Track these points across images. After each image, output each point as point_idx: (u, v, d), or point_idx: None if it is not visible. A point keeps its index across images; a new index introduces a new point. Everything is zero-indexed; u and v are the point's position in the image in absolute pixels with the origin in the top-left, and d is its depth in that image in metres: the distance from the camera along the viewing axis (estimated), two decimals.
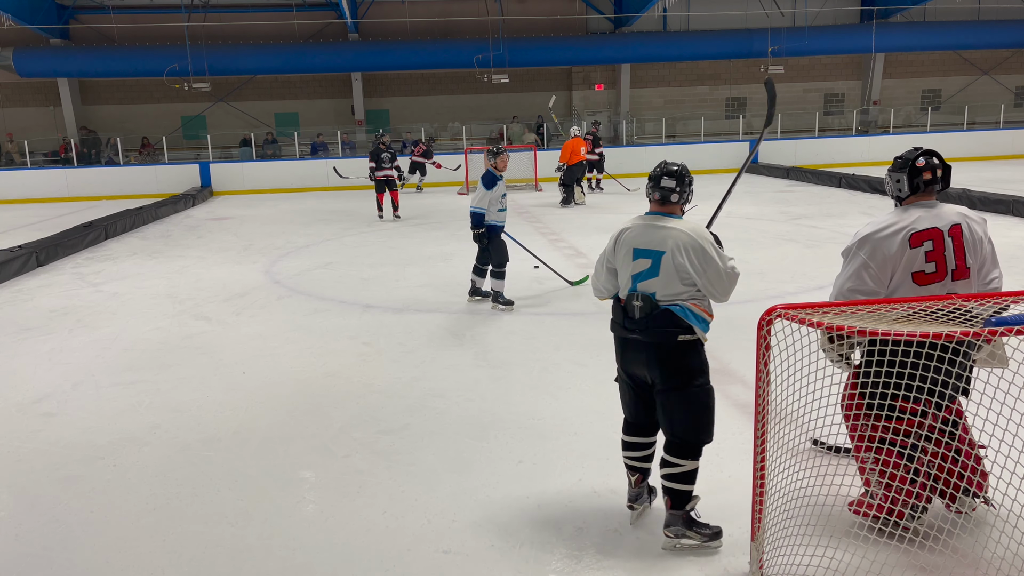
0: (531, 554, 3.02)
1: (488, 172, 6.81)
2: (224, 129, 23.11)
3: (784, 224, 11.48)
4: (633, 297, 2.98)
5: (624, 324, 3.02)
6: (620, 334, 3.07)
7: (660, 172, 3.09)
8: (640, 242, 3.00)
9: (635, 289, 2.99)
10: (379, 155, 13.24)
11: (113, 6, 21.79)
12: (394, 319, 6.80)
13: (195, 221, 14.71)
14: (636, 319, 2.97)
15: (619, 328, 3.07)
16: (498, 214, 6.89)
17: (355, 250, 10.68)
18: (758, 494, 2.66)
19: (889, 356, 2.65)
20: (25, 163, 20.83)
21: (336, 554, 3.09)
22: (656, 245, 2.97)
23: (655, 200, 3.10)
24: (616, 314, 3.09)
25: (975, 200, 11.74)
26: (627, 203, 14.99)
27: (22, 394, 5.13)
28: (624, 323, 3.02)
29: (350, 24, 22.20)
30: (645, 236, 3.01)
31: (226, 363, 5.67)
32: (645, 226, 3.04)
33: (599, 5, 24.10)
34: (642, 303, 2.95)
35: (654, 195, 3.09)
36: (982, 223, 3.00)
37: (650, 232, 3.01)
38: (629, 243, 3.04)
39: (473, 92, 23.94)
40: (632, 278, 3.00)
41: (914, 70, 25.77)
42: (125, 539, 3.26)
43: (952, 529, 2.79)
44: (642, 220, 3.08)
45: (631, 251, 3.02)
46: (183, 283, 8.68)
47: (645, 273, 2.97)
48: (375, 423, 4.42)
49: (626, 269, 3.04)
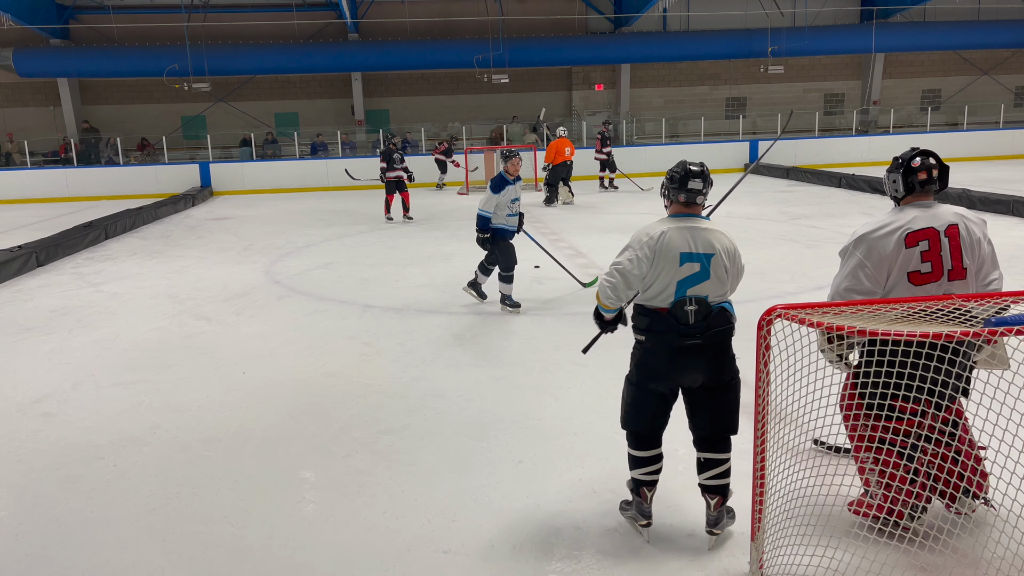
0: (531, 554, 3.02)
1: (499, 175, 6.68)
2: (224, 129, 23.12)
3: (784, 224, 11.48)
4: (684, 303, 2.86)
5: (679, 331, 2.87)
6: (673, 343, 2.88)
7: (685, 173, 2.99)
8: (687, 246, 2.89)
9: (683, 295, 2.87)
10: (391, 155, 13.15)
11: (113, 6, 21.79)
12: (394, 319, 6.80)
13: (195, 221, 14.71)
14: (692, 324, 2.87)
15: (672, 338, 2.88)
16: (507, 219, 6.73)
17: (355, 250, 10.68)
18: (758, 494, 2.67)
19: (888, 356, 2.65)
20: (25, 163, 20.83)
21: (336, 554, 3.09)
22: (704, 248, 2.90)
23: (680, 202, 3.02)
24: (661, 324, 2.89)
25: (975, 200, 11.74)
26: (622, 203, 15.00)
27: (22, 394, 5.13)
28: (678, 330, 2.87)
29: (350, 24, 22.21)
30: (691, 240, 2.91)
31: (226, 363, 5.67)
32: (685, 229, 2.94)
33: (599, 5, 24.11)
34: (696, 307, 2.87)
35: (679, 197, 3.00)
36: (981, 224, 3.00)
37: (694, 235, 2.92)
38: (673, 248, 2.88)
39: (473, 92, 23.95)
40: (678, 284, 2.88)
41: (914, 70, 25.78)
42: (125, 539, 3.26)
43: (952, 529, 2.79)
44: (677, 224, 2.96)
45: (677, 256, 2.88)
46: (183, 283, 8.68)
47: (695, 277, 2.88)
48: (375, 423, 4.42)
49: (670, 275, 2.88)
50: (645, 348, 2.98)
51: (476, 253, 10.03)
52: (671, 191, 3.05)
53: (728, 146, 21.61)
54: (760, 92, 25.45)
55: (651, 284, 2.93)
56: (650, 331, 2.93)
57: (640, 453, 3.06)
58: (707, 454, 3.01)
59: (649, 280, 2.93)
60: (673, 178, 3.03)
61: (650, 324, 2.93)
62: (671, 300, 2.89)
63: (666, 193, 3.10)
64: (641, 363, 3.01)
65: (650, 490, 3.07)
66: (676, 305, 2.88)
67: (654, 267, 2.90)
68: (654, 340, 2.94)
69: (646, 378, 2.99)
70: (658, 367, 2.95)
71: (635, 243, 2.96)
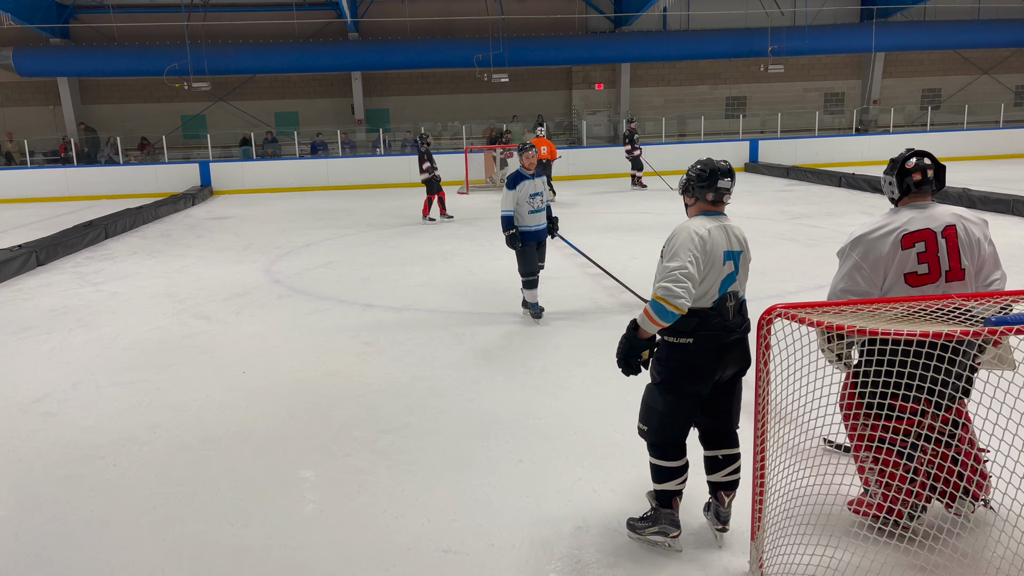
0: (531, 553, 3.02)
1: (515, 171, 6.39)
2: (224, 128, 23.12)
3: (784, 223, 11.48)
4: (726, 299, 2.89)
5: (725, 328, 2.88)
6: (720, 340, 2.87)
7: (714, 171, 2.95)
8: (727, 245, 2.91)
9: (725, 292, 2.89)
10: (432, 155, 12.91)
11: (113, 5, 21.79)
12: (394, 318, 6.80)
13: (195, 220, 14.71)
14: (732, 319, 2.90)
15: (719, 334, 2.87)
16: (528, 216, 6.33)
17: (355, 249, 10.68)
18: (758, 493, 2.67)
19: (888, 356, 2.65)
20: (25, 162, 20.84)
21: (336, 553, 3.09)
22: (736, 246, 2.94)
23: (708, 200, 2.99)
24: (709, 324, 2.86)
25: (975, 199, 11.75)
26: (616, 204, 15.00)
27: (22, 393, 5.13)
28: (725, 327, 2.88)
29: (350, 23, 22.22)
30: (728, 239, 2.92)
31: (226, 362, 5.67)
32: (721, 228, 2.93)
33: (599, 4, 24.11)
34: (734, 302, 2.91)
35: (707, 195, 2.97)
36: (981, 224, 2.99)
37: (729, 234, 2.94)
38: (718, 247, 2.88)
39: (473, 91, 23.95)
40: (722, 283, 2.88)
41: (914, 69, 25.79)
42: (125, 538, 3.26)
43: (952, 529, 2.79)
44: (713, 222, 2.94)
45: (721, 256, 2.88)
46: (183, 282, 8.68)
47: (732, 275, 2.91)
48: (375, 422, 4.42)
49: (715, 275, 2.87)
50: (690, 350, 2.90)
51: (476, 252, 10.09)
52: (698, 189, 2.99)
53: (728, 145, 21.61)
54: (760, 91, 25.45)
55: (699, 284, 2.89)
56: (698, 332, 2.87)
57: (671, 464, 2.99)
58: (724, 450, 3.01)
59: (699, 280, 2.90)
60: (702, 176, 2.97)
61: (698, 325, 2.87)
62: (715, 299, 2.88)
63: (691, 191, 3.04)
64: (683, 366, 2.91)
65: (680, 499, 3.04)
66: (720, 302, 2.88)
67: (704, 267, 2.86)
68: (702, 340, 2.88)
69: (689, 381, 2.91)
70: (704, 367, 2.89)
71: (688, 244, 2.85)
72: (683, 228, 2.91)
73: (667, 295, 2.78)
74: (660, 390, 2.96)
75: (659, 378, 2.98)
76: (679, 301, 2.77)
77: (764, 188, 16.66)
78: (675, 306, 2.78)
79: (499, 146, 18.44)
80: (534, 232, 6.39)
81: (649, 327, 2.86)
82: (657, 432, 2.98)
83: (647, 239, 10.25)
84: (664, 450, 2.99)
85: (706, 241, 2.85)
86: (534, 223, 6.38)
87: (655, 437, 2.99)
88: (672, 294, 2.77)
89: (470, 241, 10.97)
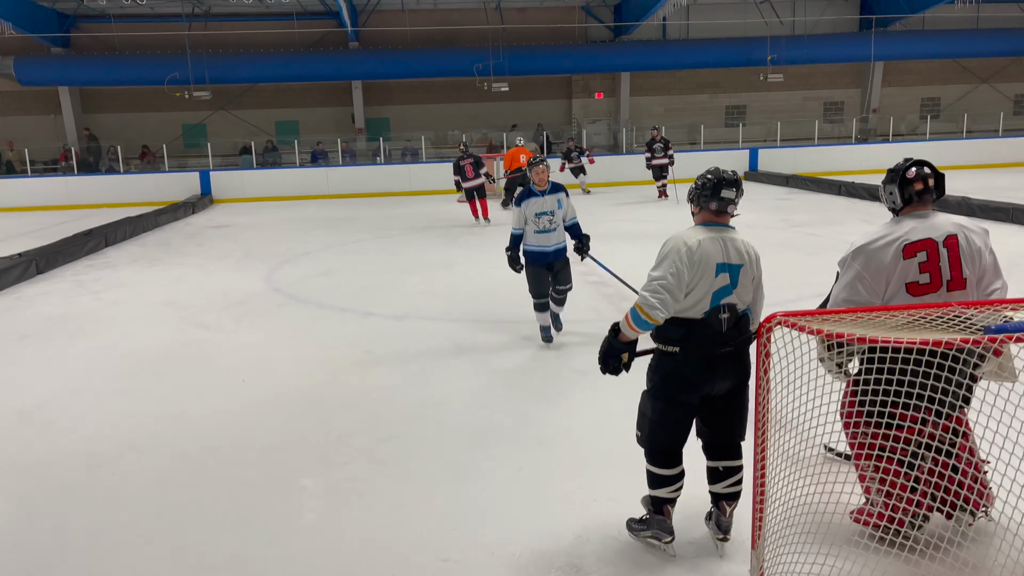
0: (531, 561, 3.01)
1: (526, 187, 5.99)
2: (224, 137, 23.16)
3: (784, 232, 11.49)
4: (718, 311, 2.85)
5: (715, 340, 2.86)
6: (709, 352, 2.86)
7: (719, 181, 2.93)
8: (722, 257, 2.86)
9: (718, 304, 2.87)
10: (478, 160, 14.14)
11: (114, 15, 21.87)
12: (394, 327, 6.80)
13: (195, 229, 14.72)
14: (725, 332, 2.86)
15: (708, 347, 2.86)
16: (534, 236, 5.85)
17: (355, 257, 10.69)
18: (758, 502, 2.66)
19: (888, 364, 2.64)
20: (25, 171, 20.87)
21: (335, 562, 3.08)
22: (735, 259, 2.89)
23: (711, 210, 2.95)
24: (698, 334, 2.86)
25: (975, 208, 11.76)
26: (615, 209, 15.01)
27: (22, 401, 5.13)
28: (714, 339, 2.86)
29: (350, 32, 22.30)
30: (724, 250, 2.88)
31: (226, 371, 5.67)
32: (718, 239, 2.89)
33: (599, 14, 24.20)
34: (728, 314, 2.87)
35: (711, 205, 2.94)
36: (982, 234, 2.98)
37: (727, 245, 2.90)
38: (709, 259, 2.85)
39: (473, 100, 24.00)
40: (714, 294, 2.85)
41: (913, 78, 25.85)
42: (125, 547, 3.25)
43: (954, 538, 2.78)
44: (709, 233, 2.91)
45: (713, 267, 2.84)
46: (183, 291, 8.68)
47: (726, 287, 2.87)
48: (374, 431, 4.41)
49: (705, 286, 2.85)
50: (678, 359, 2.91)
51: (477, 261, 10.10)
52: (702, 198, 2.97)
53: (728, 154, 21.64)
54: (760, 100, 25.52)
55: (688, 294, 2.87)
56: (685, 341, 2.88)
57: (664, 472, 2.99)
58: (725, 462, 3.01)
59: (687, 291, 2.88)
60: (705, 185, 2.96)
61: (686, 334, 2.87)
62: (706, 310, 2.86)
63: (695, 200, 3.02)
64: (672, 374, 2.93)
65: (672, 507, 3.04)
66: (711, 314, 2.86)
67: (692, 278, 2.85)
68: (689, 350, 2.88)
69: (678, 390, 2.92)
70: (692, 376, 2.90)
71: (673, 254, 2.85)
72: (674, 237, 2.92)
73: (643, 303, 2.84)
74: (650, 397, 3.01)
75: (650, 384, 3.03)
76: (654, 312, 2.81)
77: (764, 197, 16.68)
78: (649, 316, 2.83)
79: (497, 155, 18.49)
80: (539, 253, 5.90)
81: (628, 332, 2.93)
82: (648, 438, 3.02)
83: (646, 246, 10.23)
84: (659, 456, 3.01)
85: (694, 252, 2.84)
86: (541, 243, 5.89)
87: (647, 442, 3.03)
88: (648, 304, 2.82)
89: (471, 249, 10.99)
